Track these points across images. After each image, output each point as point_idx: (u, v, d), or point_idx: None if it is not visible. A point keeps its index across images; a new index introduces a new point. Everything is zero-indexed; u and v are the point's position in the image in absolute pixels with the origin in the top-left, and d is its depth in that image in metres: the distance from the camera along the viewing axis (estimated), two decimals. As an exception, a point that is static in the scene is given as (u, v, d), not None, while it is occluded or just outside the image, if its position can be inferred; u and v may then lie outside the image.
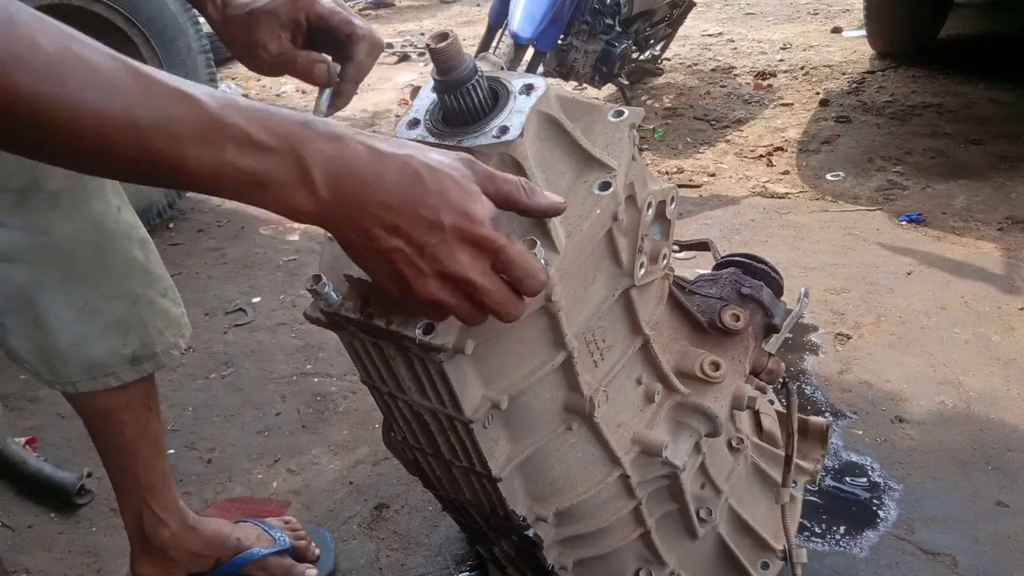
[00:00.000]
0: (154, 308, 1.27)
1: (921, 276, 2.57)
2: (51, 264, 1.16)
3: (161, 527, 1.39)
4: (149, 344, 1.27)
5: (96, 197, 1.18)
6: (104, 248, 1.19)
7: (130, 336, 1.25)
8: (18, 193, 1.11)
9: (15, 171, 1.09)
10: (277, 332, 2.50)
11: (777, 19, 5.95)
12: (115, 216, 1.21)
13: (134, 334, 1.25)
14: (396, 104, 4.77)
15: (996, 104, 3.92)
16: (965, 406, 1.98)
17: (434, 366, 0.90)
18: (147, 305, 1.26)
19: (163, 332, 1.29)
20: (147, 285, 1.26)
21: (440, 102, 0.94)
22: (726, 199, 3.24)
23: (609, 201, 0.91)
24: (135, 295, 1.24)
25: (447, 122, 0.94)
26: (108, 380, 1.25)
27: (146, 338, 1.26)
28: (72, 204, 1.15)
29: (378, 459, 1.92)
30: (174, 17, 3.09)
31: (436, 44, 0.88)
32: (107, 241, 1.19)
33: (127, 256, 1.22)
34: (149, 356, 1.28)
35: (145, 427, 1.34)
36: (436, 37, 0.89)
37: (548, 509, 1.09)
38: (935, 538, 1.62)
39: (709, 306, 1.22)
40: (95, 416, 1.32)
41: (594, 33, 3.72)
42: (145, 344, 1.26)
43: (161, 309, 1.29)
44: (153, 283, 1.27)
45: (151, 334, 1.27)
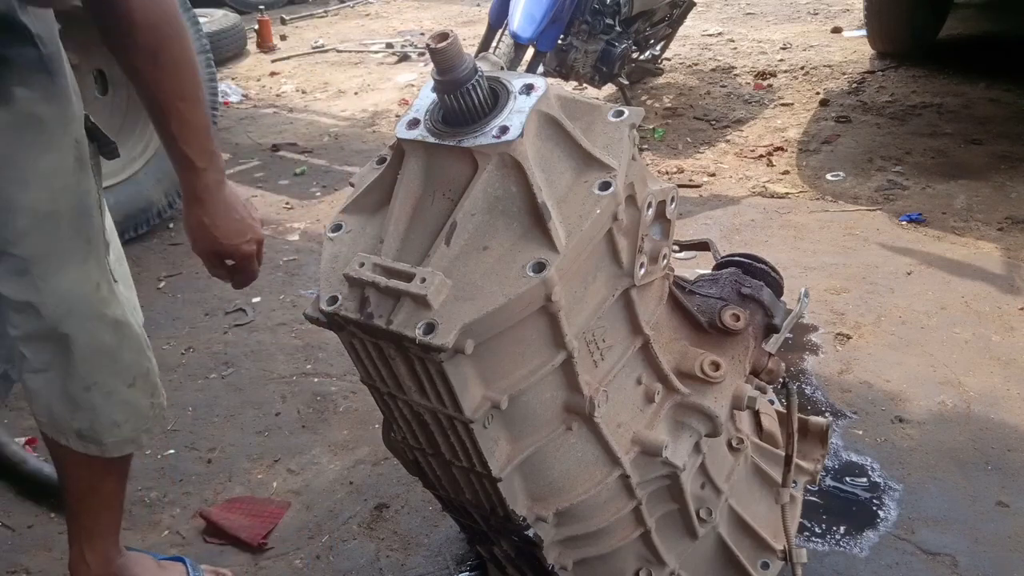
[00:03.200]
0: (112, 399, 1.21)
1: (921, 276, 2.57)
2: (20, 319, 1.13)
3: (82, 565, 1.38)
4: (97, 431, 1.21)
5: (71, 269, 1.13)
6: (68, 324, 1.13)
7: (78, 415, 1.20)
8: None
9: None
10: (277, 332, 2.50)
11: (777, 19, 5.95)
12: (89, 293, 1.15)
13: (83, 415, 1.20)
14: (396, 104, 4.77)
15: (996, 104, 3.92)
16: (965, 406, 1.98)
17: (434, 366, 0.90)
18: (103, 395, 1.20)
19: (119, 425, 1.23)
20: (111, 373, 1.20)
21: (440, 102, 0.94)
22: (726, 199, 3.24)
23: (609, 201, 0.91)
24: (91, 381, 1.18)
25: (447, 122, 0.94)
26: (59, 437, 1.22)
27: (96, 425, 1.21)
28: (41, 273, 1.10)
29: (378, 459, 1.92)
30: (174, 17, 3.09)
31: (436, 44, 0.88)
32: (73, 318, 1.14)
33: (93, 337, 1.16)
34: (95, 440, 1.22)
35: (98, 486, 1.32)
36: (436, 37, 0.89)
37: (548, 509, 1.09)
38: (935, 538, 1.62)
39: (709, 306, 1.22)
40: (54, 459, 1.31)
41: (594, 33, 3.72)
42: (93, 429, 1.21)
43: (122, 400, 1.22)
44: (119, 372, 1.21)
45: (101, 423, 1.21)
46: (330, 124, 4.57)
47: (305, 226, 3.29)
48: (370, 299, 0.92)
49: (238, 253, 1.21)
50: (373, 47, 6.06)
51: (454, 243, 0.91)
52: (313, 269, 2.88)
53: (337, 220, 1.05)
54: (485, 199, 0.92)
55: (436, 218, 0.95)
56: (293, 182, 3.76)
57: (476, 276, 0.89)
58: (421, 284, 0.88)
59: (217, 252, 1.20)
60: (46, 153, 1.08)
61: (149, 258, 3.04)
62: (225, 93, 4.94)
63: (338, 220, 1.05)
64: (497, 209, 0.92)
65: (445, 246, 0.91)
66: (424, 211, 0.96)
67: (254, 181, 3.80)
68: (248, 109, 4.92)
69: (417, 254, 0.94)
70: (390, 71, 5.49)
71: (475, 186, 0.91)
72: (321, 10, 7.59)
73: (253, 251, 1.22)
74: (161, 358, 2.38)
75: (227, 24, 5.85)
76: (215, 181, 1.16)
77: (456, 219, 0.91)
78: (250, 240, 1.21)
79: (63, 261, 1.12)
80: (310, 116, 4.74)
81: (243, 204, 1.21)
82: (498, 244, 0.91)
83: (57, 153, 1.09)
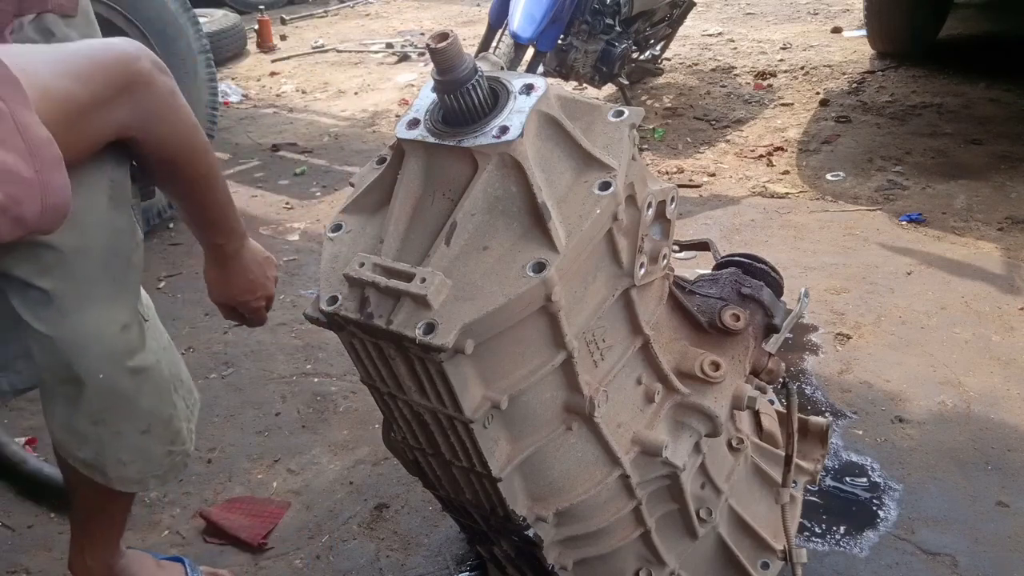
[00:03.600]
0: (121, 439, 1.19)
1: (921, 276, 2.57)
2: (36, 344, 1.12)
3: (82, 566, 1.39)
4: (102, 465, 1.20)
5: (97, 307, 1.11)
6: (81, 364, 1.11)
7: (84, 446, 1.18)
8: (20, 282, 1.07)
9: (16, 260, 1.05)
10: (277, 332, 2.50)
11: (777, 19, 5.95)
12: (111, 334, 1.12)
13: (89, 447, 1.18)
14: (396, 104, 4.77)
15: (996, 104, 3.92)
16: (965, 406, 1.98)
17: (434, 366, 0.90)
18: (112, 434, 1.18)
19: (125, 464, 1.21)
20: (122, 417, 1.17)
21: (440, 102, 0.94)
22: (726, 199, 3.24)
23: (609, 201, 0.91)
24: (99, 418, 1.16)
25: (447, 122, 0.94)
26: (67, 457, 1.21)
27: (101, 458, 1.19)
28: (62, 308, 1.08)
29: (378, 459, 1.92)
30: (174, 17, 3.09)
31: (436, 44, 0.88)
32: (87, 358, 1.11)
33: (106, 380, 1.13)
34: (100, 471, 1.21)
35: (106, 506, 1.32)
36: (436, 37, 0.89)
37: (548, 509, 1.09)
38: (935, 538, 1.62)
39: (709, 306, 1.22)
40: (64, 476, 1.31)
41: (594, 33, 3.72)
42: (99, 462, 1.20)
43: (132, 444, 1.20)
44: (132, 417, 1.18)
45: (107, 458, 1.19)
46: (330, 124, 4.57)
47: (305, 226, 3.29)
48: (370, 299, 0.92)
49: (248, 308, 1.35)
50: (373, 47, 6.06)
51: (454, 243, 0.91)
52: (313, 269, 2.88)
53: (337, 220, 1.05)
54: (485, 199, 0.92)
55: (436, 218, 0.95)
56: (293, 182, 3.76)
57: (476, 276, 0.89)
58: (421, 284, 0.88)
59: (229, 305, 1.35)
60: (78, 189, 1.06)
61: (149, 258, 3.03)
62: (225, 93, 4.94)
63: (338, 220, 1.05)
64: (497, 209, 0.92)
65: (445, 246, 0.91)
66: (424, 211, 0.96)
67: (254, 181, 3.80)
68: (248, 109, 4.93)
69: (417, 254, 0.94)
70: (390, 71, 5.49)
71: (475, 186, 0.91)
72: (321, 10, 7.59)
73: (261, 306, 1.37)
74: (161, 358, 2.39)
75: (227, 24, 5.85)
76: (233, 250, 1.28)
77: (456, 219, 0.91)
78: (259, 297, 1.35)
79: (88, 300, 1.10)
80: (310, 116, 4.74)
81: (259, 263, 1.33)
82: (498, 244, 0.91)
83: (88, 191, 1.07)
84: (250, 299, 1.34)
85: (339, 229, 1.04)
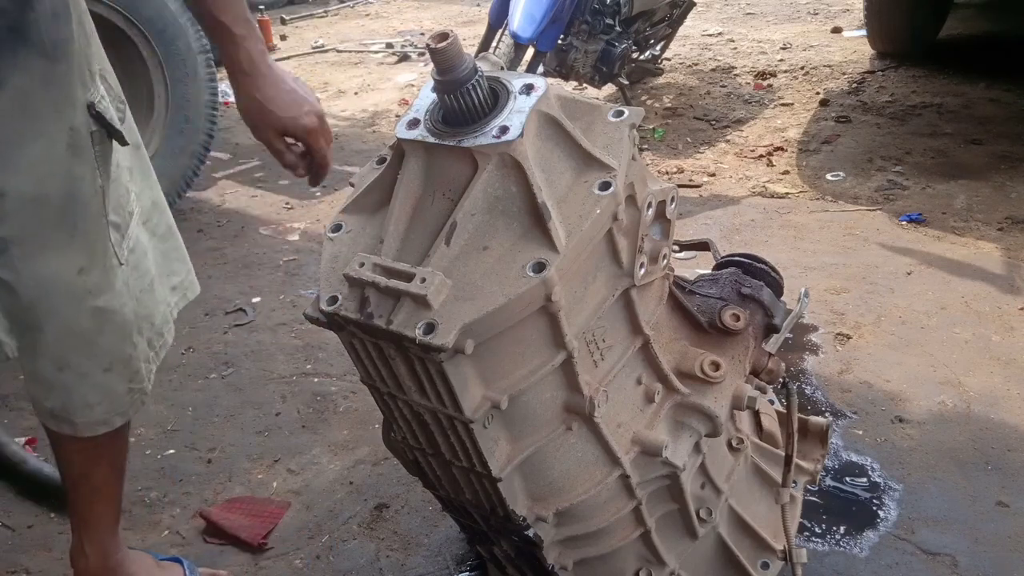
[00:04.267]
0: (86, 380, 1.21)
1: (921, 276, 2.57)
2: None
3: (81, 557, 1.39)
4: (70, 411, 1.22)
5: (54, 252, 1.13)
6: (42, 307, 1.14)
7: (51, 395, 1.20)
8: None
9: None
10: (277, 332, 2.50)
11: (777, 19, 5.95)
12: (70, 278, 1.14)
13: (56, 395, 1.20)
14: (396, 104, 4.77)
15: (996, 104, 3.92)
16: (965, 406, 1.98)
17: (434, 366, 0.90)
18: (78, 376, 1.20)
19: (92, 407, 1.23)
20: (86, 356, 1.19)
21: (440, 102, 0.94)
22: (726, 199, 3.24)
23: (609, 201, 0.91)
24: (64, 362, 1.18)
25: (447, 122, 0.94)
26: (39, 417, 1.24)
27: (68, 404, 1.21)
28: (21, 255, 1.10)
29: (378, 459, 1.92)
30: (174, 17, 3.09)
31: (436, 44, 0.89)
32: (48, 302, 1.14)
33: (68, 322, 1.16)
34: (67, 420, 1.23)
35: (89, 472, 1.33)
36: (436, 37, 0.89)
37: (548, 509, 1.09)
38: (935, 538, 1.62)
39: (709, 306, 1.22)
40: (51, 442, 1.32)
41: (594, 33, 3.72)
42: (66, 409, 1.22)
43: (96, 383, 1.22)
44: (95, 355, 1.20)
45: (74, 403, 1.21)
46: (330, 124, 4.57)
47: (305, 226, 3.29)
48: (370, 299, 0.92)
49: (299, 128, 1.19)
50: (373, 47, 6.06)
51: (454, 243, 0.91)
52: (313, 269, 2.88)
53: (337, 220, 1.05)
54: (485, 199, 0.92)
55: (436, 218, 0.95)
56: (293, 182, 3.76)
57: (476, 276, 0.89)
58: (421, 284, 0.88)
59: (278, 130, 1.19)
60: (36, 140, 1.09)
61: (149, 258, 3.04)
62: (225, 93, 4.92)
63: (338, 220, 1.05)
64: (497, 209, 0.92)
65: (445, 246, 0.91)
66: (424, 211, 0.96)
67: (254, 181, 3.80)
68: (248, 109, 4.92)
69: (417, 254, 0.94)
70: (390, 71, 5.49)
71: (475, 186, 0.91)
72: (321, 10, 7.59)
73: (316, 125, 1.21)
74: (161, 358, 2.39)
75: (227, 24, 5.84)
76: (258, 51, 1.15)
77: (456, 219, 0.91)
78: (308, 112, 1.19)
79: (45, 245, 1.12)
80: (310, 116, 4.73)
81: (292, 77, 1.20)
82: (498, 244, 0.91)
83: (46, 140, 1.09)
84: (298, 114, 1.18)
85: (339, 229, 1.04)
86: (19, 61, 1.04)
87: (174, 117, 3.20)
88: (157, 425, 2.09)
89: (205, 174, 3.63)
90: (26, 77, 1.06)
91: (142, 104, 3.14)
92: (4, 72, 1.04)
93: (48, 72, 1.08)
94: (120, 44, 3.00)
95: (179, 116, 3.21)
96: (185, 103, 3.21)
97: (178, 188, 3.28)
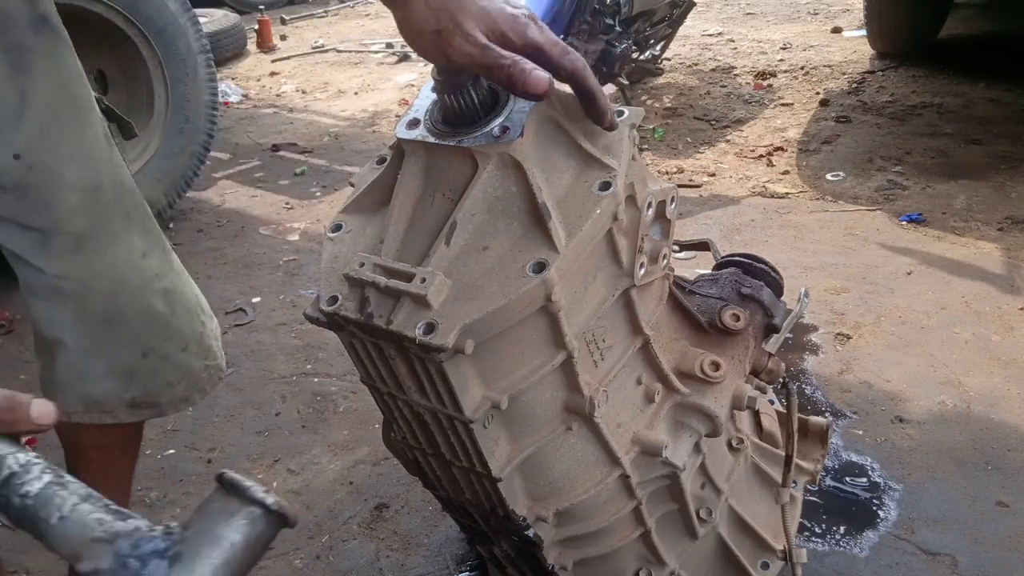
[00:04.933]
0: (168, 362, 1.24)
1: (921, 276, 2.57)
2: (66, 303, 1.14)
3: None
4: (153, 394, 1.24)
5: (121, 240, 1.15)
6: (121, 297, 1.16)
7: (133, 384, 1.22)
8: (41, 234, 1.09)
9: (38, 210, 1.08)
10: (277, 332, 2.50)
11: (777, 19, 5.95)
12: (138, 263, 1.17)
13: (138, 383, 1.22)
14: (396, 104, 4.77)
15: (996, 104, 3.92)
16: (965, 406, 1.98)
17: (434, 366, 0.90)
18: (160, 359, 1.23)
19: (173, 386, 1.26)
20: (164, 339, 1.22)
21: (440, 102, 0.94)
22: (726, 199, 3.24)
23: (609, 201, 0.91)
24: (148, 347, 1.21)
25: (447, 122, 0.94)
26: (104, 417, 1.24)
27: (151, 388, 1.23)
28: (95, 248, 1.12)
29: (378, 459, 1.92)
30: (174, 17, 3.09)
31: (436, 44, 0.88)
32: (125, 290, 1.16)
33: (145, 307, 1.19)
34: (151, 404, 1.25)
35: (111, 465, 1.34)
36: (436, 37, 0.88)
37: (548, 509, 1.09)
38: (935, 538, 1.62)
39: (709, 306, 1.22)
40: (69, 444, 1.32)
41: (594, 33, 3.72)
42: (148, 393, 1.24)
43: (176, 364, 1.25)
44: (172, 337, 1.23)
45: (158, 386, 1.24)
46: (330, 124, 4.57)
47: (305, 226, 3.29)
48: (370, 299, 0.92)
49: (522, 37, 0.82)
50: (373, 47, 6.06)
51: (454, 243, 0.91)
52: (313, 269, 2.88)
53: (337, 220, 1.05)
54: (485, 199, 0.92)
55: (436, 218, 0.95)
56: (293, 182, 3.76)
57: (476, 276, 0.89)
58: (421, 284, 0.88)
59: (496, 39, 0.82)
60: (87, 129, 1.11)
61: (149, 258, 3.04)
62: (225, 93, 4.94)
63: (338, 220, 1.05)
64: (497, 209, 0.92)
65: (445, 246, 0.91)
66: (424, 211, 0.96)
67: (254, 181, 3.80)
68: (248, 109, 4.93)
69: (417, 254, 0.94)
70: (390, 71, 5.49)
71: (475, 186, 0.91)
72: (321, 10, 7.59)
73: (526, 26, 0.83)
74: (161, 358, 2.39)
75: (227, 24, 5.85)
76: None
77: (456, 219, 0.91)
78: None
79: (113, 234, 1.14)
80: (310, 116, 4.74)
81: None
82: (498, 244, 0.91)
83: (92, 129, 1.12)
84: None
85: (339, 229, 1.04)
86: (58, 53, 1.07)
87: (174, 117, 3.20)
88: (157, 425, 2.09)
89: (205, 174, 3.63)
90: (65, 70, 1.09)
91: (142, 104, 3.14)
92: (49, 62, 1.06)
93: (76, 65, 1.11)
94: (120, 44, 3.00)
95: (179, 116, 3.21)
96: (185, 103, 3.21)
97: (178, 188, 3.28)
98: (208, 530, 0.49)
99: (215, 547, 0.48)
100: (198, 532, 0.49)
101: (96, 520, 0.49)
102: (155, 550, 0.47)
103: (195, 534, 0.48)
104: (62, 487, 0.50)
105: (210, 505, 0.50)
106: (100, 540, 0.48)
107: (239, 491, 0.50)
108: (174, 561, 0.47)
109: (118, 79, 3.11)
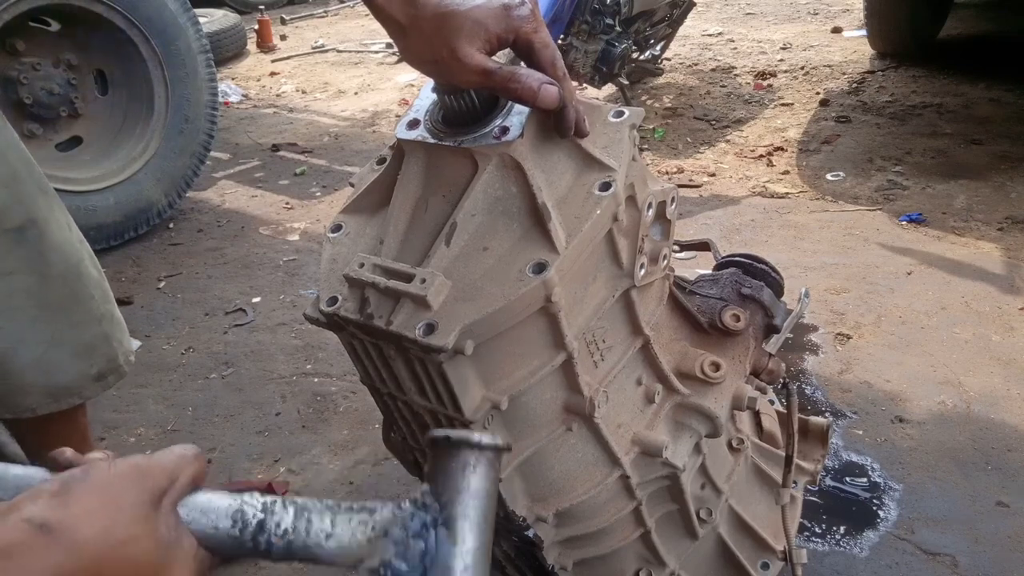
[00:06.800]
0: (113, 321, 1.26)
1: (921, 276, 2.57)
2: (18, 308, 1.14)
3: None
4: (113, 358, 1.26)
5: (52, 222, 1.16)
6: (71, 276, 1.17)
7: (96, 356, 1.24)
8: None
9: None
10: (277, 332, 2.50)
11: (777, 19, 5.95)
12: (68, 236, 1.18)
13: (100, 352, 1.24)
14: (396, 104, 4.77)
15: (996, 104, 3.92)
16: (965, 406, 1.98)
17: (434, 367, 0.90)
18: (109, 320, 1.25)
19: (121, 341, 1.28)
20: (106, 300, 1.25)
21: (440, 102, 0.94)
22: (726, 199, 3.24)
23: (609, 202, 0.91)
24: (100, 313, 1.23)
25: (447, 122, 0.94)
26: (72, 400, 1.25)
27: (110, 352, 1.26)
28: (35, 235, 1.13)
29: (378, 459, 1.92)
30: (174, 17, 3.09)
31: (436, 44, 0.88)
32: (71, 267, 1.17)
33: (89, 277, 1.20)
34: (113, 369, 1.27)
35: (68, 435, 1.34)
36: (436, 37, 0.88)
37: (548, 510, 1.09)
38: (935, 538, 1.62)
39: (709, 306, 1.22)
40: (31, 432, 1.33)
41: (594, 33, 3.72)
42: (110, 359, 1.26)
43: (116, 319, 1.27)
44: (106, 294, 1.26)
45: (113, 348, 1.26)
46: (330, 124, 4.57)
47: (305, 226, 3.29)
48: (370, 300, 0.92)
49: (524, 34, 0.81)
50: (373, 47, 6.06)
51: (454, 244, 0.91)
52: (313, 269, 2.88)
53: (337, 220, 1.05)
54: (485, 200, 0.92)
55: (436, 219, 0.95)
56: (293, 182, 3.76)
57: (476, 277, 0.89)
58: (421, 285, 0.87)
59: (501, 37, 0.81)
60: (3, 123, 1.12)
61: (149, 258, 3.05)
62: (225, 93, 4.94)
63: (338, 220, 1.05)
64: (497, 210, 0.92)
65: (445, 247, 0.91)
66: (424, 212, 0.96)
67: (254, 181, 3.80)
68: (248, 109, 4.93)
69: (417, 255, 0.94)
70: (390, 71, 5.49)
71: (475, 187, 0.91)
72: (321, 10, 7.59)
73: None
74: (161, 358, 2.39)
75: (227, 24, 5.85)
76: None
77: (456, 220, 0.91)
78: None
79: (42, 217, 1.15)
80: (310, 116, 4.74)
81: None
82: (498, 245, 0.91)
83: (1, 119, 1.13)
84: None
85: (339, 230, 1.04)
86: None
87: (174, 117, 3.20)
88: (157, 425, 2.09)
89: (205, 174, 3.63)
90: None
91: (142, 104, 3.14)
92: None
93: None
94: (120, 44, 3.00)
95: (179, 116, 3.21)
96: (185, 103, 3.21)
97: (178, 188, 3.29)
98: (456, 486, 0.51)
99: (472, 497, 0.50)
100: (448, 491, 0.51)
101: (358, 522, 0.51)
102: (423, 523, 0.49)
103: (447, 493, 0.50)
104: (304, 509, 0.52)
105: (444, 464, 0.51)
106: (375, 537, 0.50)
107: (463, 444, 0.52)
108: (448, 525, 0.49)
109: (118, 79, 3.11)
